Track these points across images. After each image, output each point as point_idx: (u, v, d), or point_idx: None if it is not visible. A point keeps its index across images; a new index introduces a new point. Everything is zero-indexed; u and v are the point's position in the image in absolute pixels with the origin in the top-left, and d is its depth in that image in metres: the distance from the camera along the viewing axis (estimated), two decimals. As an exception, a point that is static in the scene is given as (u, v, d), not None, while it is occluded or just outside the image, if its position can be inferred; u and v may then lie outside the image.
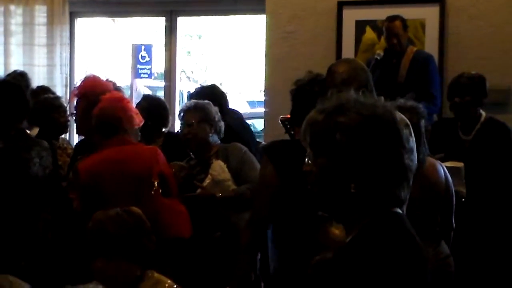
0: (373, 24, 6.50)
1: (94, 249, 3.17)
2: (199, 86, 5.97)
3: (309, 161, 2.07)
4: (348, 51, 6.52)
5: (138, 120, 4.44)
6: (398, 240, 1.94)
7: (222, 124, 4.84)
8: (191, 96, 5.69)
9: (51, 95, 6.23)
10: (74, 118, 4.86)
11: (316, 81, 3.77)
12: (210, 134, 4.75)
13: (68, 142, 6.34)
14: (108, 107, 4.32)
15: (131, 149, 4.31)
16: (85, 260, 3.27)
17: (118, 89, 5.39)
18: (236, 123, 5.56)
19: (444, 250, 4.28)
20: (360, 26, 6.56)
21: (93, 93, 4.47)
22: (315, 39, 6.67)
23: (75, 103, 4.67)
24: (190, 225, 4.37)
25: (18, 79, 6.06)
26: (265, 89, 6.96)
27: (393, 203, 2.02)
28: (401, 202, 2.08)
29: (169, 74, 7.76)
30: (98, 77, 4.75)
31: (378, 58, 5.86)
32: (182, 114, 4.86)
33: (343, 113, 2.03)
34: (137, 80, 12.08)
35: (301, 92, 3.77)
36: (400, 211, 2.06)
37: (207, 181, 4.63)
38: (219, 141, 4.81)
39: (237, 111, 6.21)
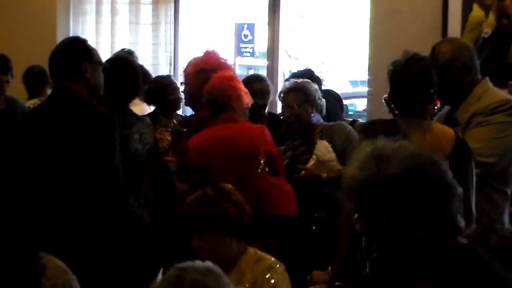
0: (480, 1, 6.32)
1: (189, 229, 3.23)
2: (296, 71, 5.96)
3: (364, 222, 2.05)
4: (454, 29, 6.37)
5: (247, 100, 4.49)
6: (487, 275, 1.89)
7: (323, 102, 4.81)
8: (287, 80, 5.69)
9: (164, 76, 6.45)
10: (184, 91, 4.94)
11: (413, 60, 3.72)
12: (312, 114, 4.74)
13: (180, 116, 6.45)
14: (218, 85, 4.38)
15: (240, 127, 4.36)
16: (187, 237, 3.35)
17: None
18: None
19: None
20: (467, 3, 6.39)
21: (210, 68, 4.55)
22: (420, 17, 6.54)
23: (188, 77, 4.75)
24: (297, 204, 4.38)
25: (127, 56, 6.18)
26: (368, 68, 6.89)
27: (457, 233, 2.01)
28: (461, 231, 2.05)
29: (272, 53, 7.76)
30: (218, 53, 4.83)
31: (485, 37, 5.72)
32: (282, 96, 4.87)
33: (385, 164, 2.02)
34: (239, 59, 12.15)
35: (398, 73, 3.73)
36: (466, 241, 2.03)
37: (312, 161, 4.61)
38: (322, 120, 4.79)
39: (333, 91, 6.19)
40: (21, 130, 3.96)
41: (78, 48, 3.97)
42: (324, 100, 4.83)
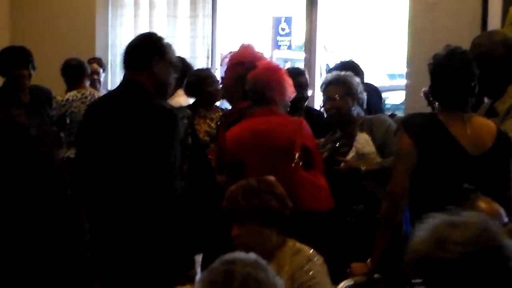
0: (521, -6, 6.25)
1: (230, 218, 3.24)
2: (339, 61, 5.94)
3: None
4: (494, 22, 6.30)
5: (291, 92, 4.49)
6: None
7: (364, 95, 4.79)
8: (330, 71, 5.66)
9: (203, 68, 6.50)
10: (221, 84, 4.96)
11: (454, 54, 3.70)
12: (353, 107, 4.72)
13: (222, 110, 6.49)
14: (263, 75, 4.39)
15: (276, 120, 4.35)
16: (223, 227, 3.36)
17: None
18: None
19: None
20: (508, -4, 6.33)
21: (247, 61, 4.56)
22: (460, 11, 6.49)
23: (225, 70, 4.76)
24: (330, 198, 4.36)
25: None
26: (407, 61, 6.85)
27: None
28: None
29: (310, 47, 7.75)
30: (253, 47, 4.84)
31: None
32: (324, 87, 4.85)
33: (444, 247, 2.01)
34: (276, 52, 12.15)
35: (439, 66, 3.71)
36: None
37: (351, 154, 4.59)
38: (363, 113, 4.77)
39: (372, 84, 6.15)
40: (87, 119, 4.04)
41: (150, 43, 3.98)
42: (365, 93, 4.80)
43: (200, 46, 8.06)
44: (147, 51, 3.93)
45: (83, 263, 0.74)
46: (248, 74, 4.48)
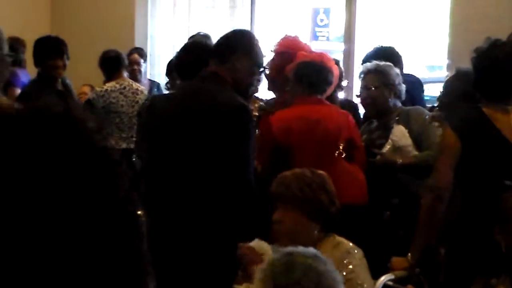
0: None
1: (276, 201, 3.22)
2: (375, 47, 5.87)
3: None
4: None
5: (335, 83, 4.49)
6: None
7: (403, 87, 4.73)
8: (366, 57, 5.61)
9: None
10: (266, 75, 4.95)
11: (497, 46, 3.66)
12: (390, 99, 4.67)
13: (261, 100, 6.47)
14: (315, 64, 4.38)
15: (325, 110, 4.37)
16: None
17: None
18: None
19: None
20: (552, -14, 6.23)
21: (292, 52, 4.55)
22: (503, 2, 6.41)
23: (270, 61, 4.76)
24: (365, 193, 4.34)
25: (202, 40, 6.21)
26: (448, 52, 6.78)
27: None
28: None
29: (349, 37, 7.71)
30: (299, 38, 4.82)
31: None
32: (362, 77, 4.81)
33: None
34: (314, 43, 12.11)
35: (482, 59, 3.67)
36: None
37: (387, 146, 4.55)
38: (400, 105, 4.72)
39: (415, 76, 6.07)
40: (163, 109, 4.01)
41: (238, 38, 4.00)
42: (404, 85, 4.74)
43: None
44: (234, 45, 3.92)
45: (136, 255, 0.74)
46: (296, 63, 4.47)
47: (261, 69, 4.07)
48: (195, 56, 4.47)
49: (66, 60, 5.96)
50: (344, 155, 4.29)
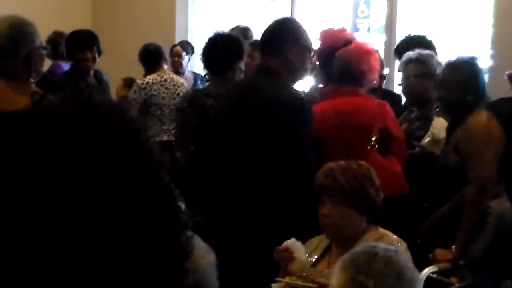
0: None
1: (323, 197, 3.20)
2: (408, 35, 5.82)
3: None
4: None
5: (376, 77, 4.45)
6: None
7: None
8: (399, 46, 5.58)
9: None
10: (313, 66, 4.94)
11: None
12: (430, 89, 4.62)
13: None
14: (353, 55, 4.34)
15: (360, 101, 4.32)
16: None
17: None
18: None
19: None
20: None
21: (337, 44, 4.53)
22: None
23: (315, 52, 4.75)
24: (402, 185, 4.28)
25: (242, 33, 6.22)
26: (491, 42, 6.70)
27: None
28: None
29: (390, 29, 7.65)
30: (345, 29, 4.80)
31: None
32: (403, 66, 4.78)
33: None
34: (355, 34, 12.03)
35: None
36: None
37: (427, 138, 4.51)
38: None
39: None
40: (224, 106, 4.05)
41: (285, 28, 3.98)
42: None
43: (279, 29, 8.04)
44: (281, 36, 3.90)
45: (175, 246, 0.73)
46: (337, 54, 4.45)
47: (312, 52, 4.05)
48: (223, 50, 4.49)
49: (97, 53, 5.99)
50: (376, 147, 4.24)
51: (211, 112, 4.37)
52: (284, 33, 3.92)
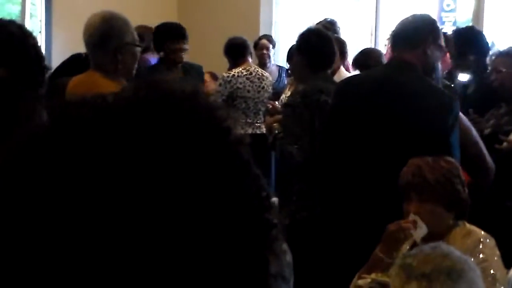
0: None
1: (410, 194, 3.17)
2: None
3: None
4: None
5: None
6: None
7: None
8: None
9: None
10: None
11: None
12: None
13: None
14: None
15: None
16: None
17: None
18: None
19: None
20: None
21: None
22: None
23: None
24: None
25: (327, 27, 6.21)
26: None
27: None
28: None
29: (477, 22, 7.52)
30: None
31: None
32: (492, 59, 4.76)
33: None
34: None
35: None
36: None
37: (516, 133, 4.45)
38: None
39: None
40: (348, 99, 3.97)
41: (427, 24, 3.92)
42: None
43: (363, 25, 8.02)
44: (424, 32, 3.85)
45: (263, 263, 0.72)
46: None
47: (443, 53, 4.02)
48: (321, 44, 4.50)
49: (186, 45, 6.03)
50: None
51: (325, 108, 4.32)
52: (426, 29, 3.87)
